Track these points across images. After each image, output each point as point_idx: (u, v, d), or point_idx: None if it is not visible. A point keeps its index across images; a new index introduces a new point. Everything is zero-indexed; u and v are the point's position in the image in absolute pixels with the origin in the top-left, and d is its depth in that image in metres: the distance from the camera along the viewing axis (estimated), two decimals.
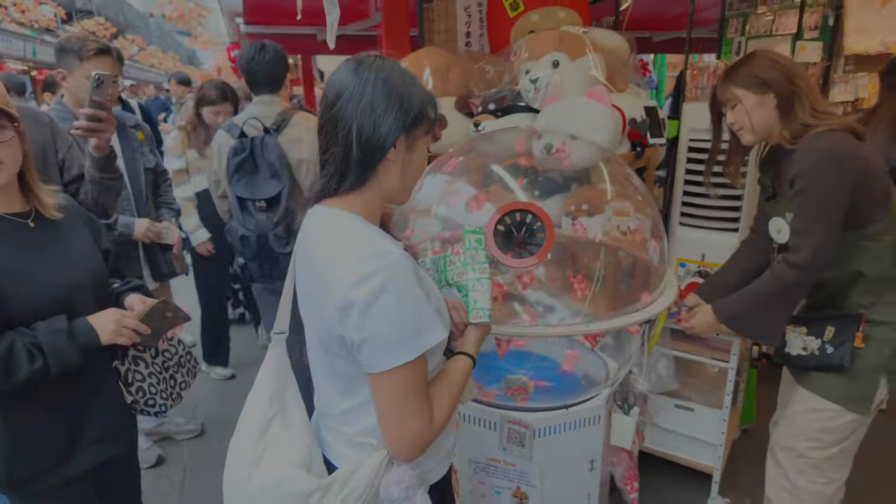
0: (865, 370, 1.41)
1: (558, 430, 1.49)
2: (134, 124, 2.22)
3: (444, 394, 0.95)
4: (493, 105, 1.97)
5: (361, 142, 0.88)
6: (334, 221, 0.92)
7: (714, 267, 2.03)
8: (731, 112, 1.48)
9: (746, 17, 3.25)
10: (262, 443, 1.01)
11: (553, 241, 1.24)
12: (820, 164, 1.32)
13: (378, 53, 0.95)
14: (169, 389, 1.40)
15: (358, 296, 0.83)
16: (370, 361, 0.87)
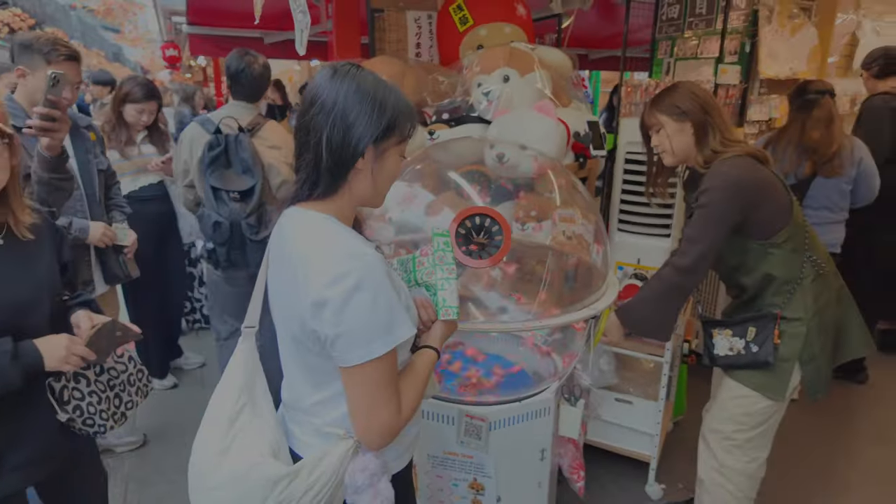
0: (781, 361, 1.57)
1: (512, 422, 1.58)
2: (87, 125, 2.14)
3: (411, 386, 1.01)
4: (447, 114, 2.05)
5: (331, 150, 0.91)
6: (309, 222, 0.96)
7: (650, 270, 2.20)
8: (656, 136, 1.64)
9: (674, 40, 3.51)
10: (231, 432, 1.02)
11: (510, 243, 1.33)
12: (721, 186, 1.49)
13: (355, 62, 0.98)
14: (112, 409, 1.33)
15: (333, 293, 0.87)
16: (343, 356, 0.91)
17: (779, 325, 1.56)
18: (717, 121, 1.57)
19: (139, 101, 2.63)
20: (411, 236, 1.71)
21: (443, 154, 1.98)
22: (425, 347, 1.08)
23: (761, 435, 1.66)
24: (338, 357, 0.93)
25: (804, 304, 1.55)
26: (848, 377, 3.04)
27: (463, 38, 2.62)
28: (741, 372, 1.63)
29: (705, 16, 3.32)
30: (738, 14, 3.16)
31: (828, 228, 2.58)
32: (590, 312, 1.44)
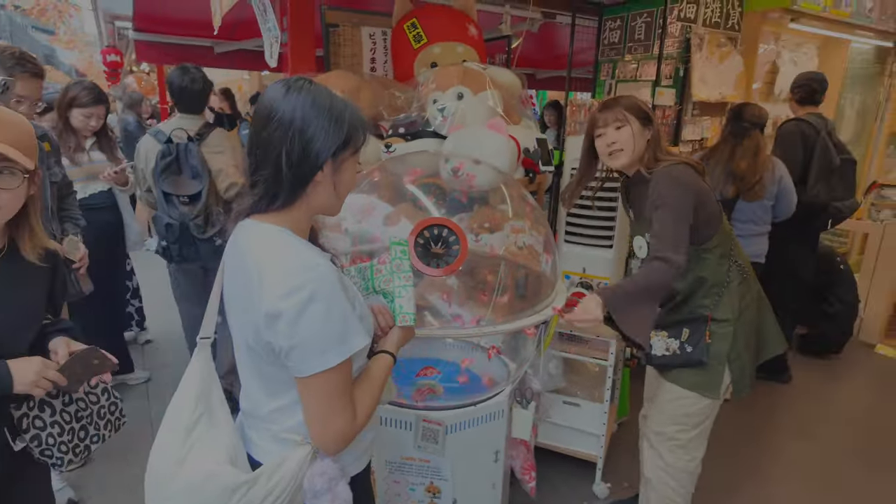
0: (712, 361, 1.68)
1: (467, 425, 1.64)
2: (40, 134, 2.02)
3: (367, 391, 1.04)
4: (404, 129, 2.12)
5: (291, 165, 0.93)
6: (264, 235, 0.98)
7: (594, 279, 2.33)
8: (615, 132, 1.64)
9: (616, 63, 3.74)
10: (188, 442, 1.03)
11: (466, 253, 1.40)
12: (673, 186, 1.57)
13: (306, 77, 1.00)
14: (75, 441, 1.27)
15: (287, 306, 0.89)
16: (298, 366, 0.94)
17: (709, 326, 1.67)
18: (661, 135, 1.69)
19: (86, 105, 2.56)
20: (369, 247, 1.75)
21: (400, 167, 2.04)
22: (382, 353, 1.11)
23: (701, 434, 1.78)
24: (293, 367, 0.95)
25: (731, 305, 1.67)
26: (773, 377, 3.29)
27: (417, 56, 2.70)
28: (677, 374, 1.73)
29: (643, 41, 3.56)
30: (673, 41, 3.40)
31: (753, 240, 2.81)
32: (540, 318, 1.53)
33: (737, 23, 3.56)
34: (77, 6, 8.98)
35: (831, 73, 4.50)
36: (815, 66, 4.45)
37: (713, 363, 1.67)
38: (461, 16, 2.80)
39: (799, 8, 3.38)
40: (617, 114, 1.63)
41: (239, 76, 8.64)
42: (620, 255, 2.38)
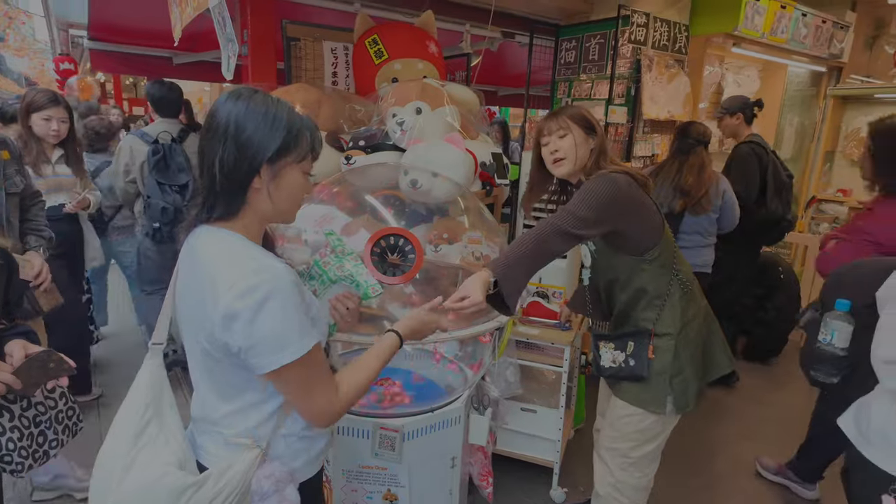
0: (656, 376, 1.64)
1: (424, 431, 1.67)
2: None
3: (360, 368, 1.09)
4: (364, 141, 2.16)
5: (224, 172, 0.94)
6: (218, 239, 0.99)
7: (550, 287, 2.41)
8: (559, 140, 1.62)
9: (571, 82, 3.88)
10: (135, 447, 1.03)
11: (422, 261, 1.44)
12: (603, 182, 1.51)
13: (254, 87, 1.02)
14: (34, 447, 1.25)
15: (243, 306, 0.91)
16: (260, 363, 0.96)
17: (652, 340, 1.65)
18: (607, 146, 1.67)
19: (43, 107, 2.46)
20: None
21: (359, 178, 2.07)
22: (389, 331, 1.16)
23: (654, 451, 1.74)
24: (255, 365, 0.97)
25: (672, 319, 1.65)
26: (720, 381, 3.44)
27: (378, 71, 2.75)
28: (625, 389, 1.72)
29: (597, 62, 3.72)
30: (625, 62, 3.56)
31: (700, 251, 2.96)
32: (494, 325, 1.58)
33: (684, 46, 3.76)
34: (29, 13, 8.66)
35: (772, 95, 4.80)
36: (757, 88, 4.72)
37: (655, 378, 1.65)
38: (422, 33, 2.87)
39: (740, 34, 3.59)
40: (560, 122, 1.63)
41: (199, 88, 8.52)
42: (574, 263, 2.46)
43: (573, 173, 1.67)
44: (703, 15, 3.74)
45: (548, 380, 2.49)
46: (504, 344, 1.79)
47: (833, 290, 1.57)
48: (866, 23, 4.76)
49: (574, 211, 1.45)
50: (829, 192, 4.83)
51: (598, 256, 1.71)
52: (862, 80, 4.77)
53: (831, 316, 1.51)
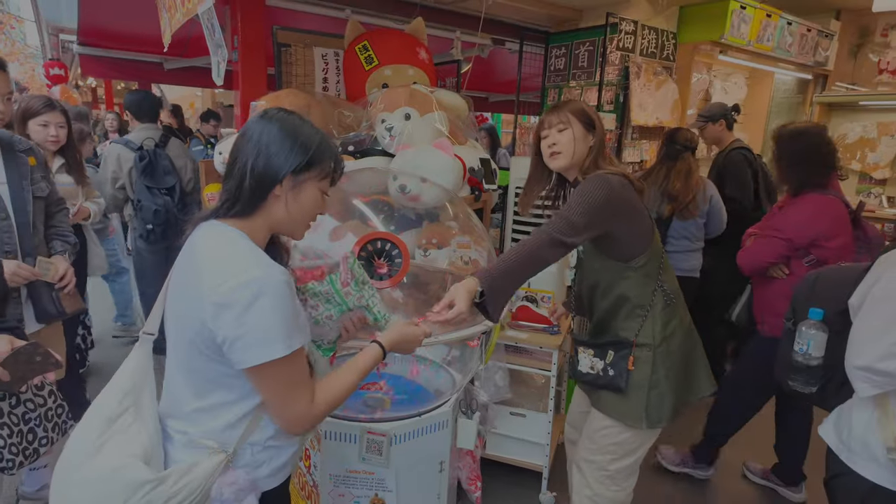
0: (634, 389, 1.61)
1: (412, 436, 1.67)
2: (25, 148, 1.96)
3: (338, 378, 1.10)
4: (353, 147, 2.17)
5: (253, 174, 1.03)
6: (221, 233, 1.05)
7: (539, 292, 2.42)
8: (558, 134, 1.60)
9: (561, 88, 3.92)
10: (107, 433, 1.04)
11: (408, 265, 1.45)
12: (599, 183, 1.50)
13: (284, 109, 1.11)
14: (24, 444, 1.25)
15: (238, 297, 0.95)
16: (243, 356, 0.97)
17: (633, 351, 1.61)
18: (604, 146, 1.65)
19: (39, 112, 2.43)
20: (315, 262, 1.78)
21: (348, 183, 2.08)
22: (373, 342, 1.18)
23: (633, 464, 1.71)
24: (237, 359, 0.98)
25: (653, 330, 1.62)
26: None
27: (369, 77, 2.77)
28: (602, 399, 1.69)
29: (586, 68, 3.76)
30: (613, 69, 3.60)
31: (688, 256, 2.99)
32: (482, 328, 1.59)
33: (671, 53, 3.80)
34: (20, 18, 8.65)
35: (759, 102, 4.86)
36: (745, 95, 4.78)
37: (633, 391, 1.62)
38: (412, 40, 2.90)
39: (726, 41, 3.64)
40: (561, 116, 1.61)
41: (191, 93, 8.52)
42: (562, 268, 2.48)
43: (569, 168, 1.64)
44: (690, 23, 3.79)
45: (537, 384, 2.50)
46: (492, 348, 1.80)
47: (804, 299, 1.58)
48: (850, 31, 4.83)
49: (567, 216, 1.45)
50: None
51: (585, 258, 1.71)
52: (847, 88, 4.84)
53: (806, 325, 1.52)
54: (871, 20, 4.82)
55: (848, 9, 4.60)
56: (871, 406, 1.37)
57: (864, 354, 1.30)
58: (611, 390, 1.66)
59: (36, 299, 1.93)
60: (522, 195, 1.80)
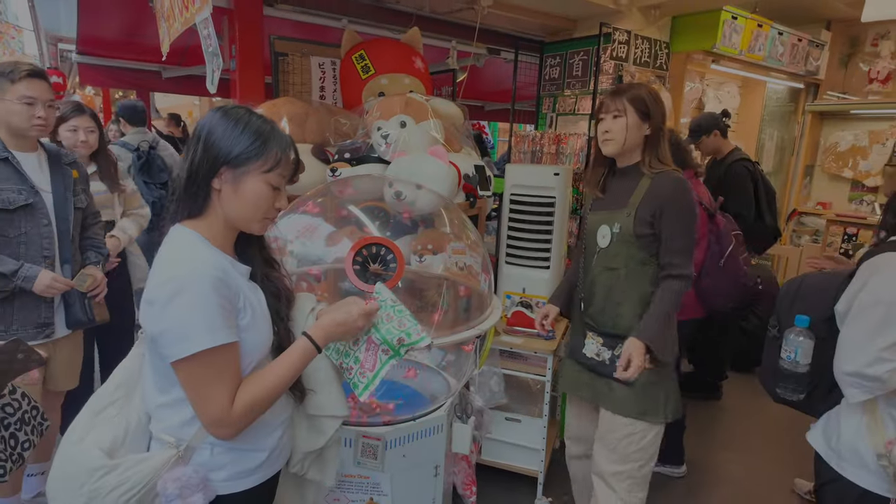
0: (647, 383, 1.66)
1: (407, 440, 1.68)
2: (71, 161, 2.03)
3: (258, 381, 1.04)
4: (349, 154, 2.19)
5: (192, 168, 1.03)
6: (174, 235, 1.06)
7: (534, 298, 2.44)
8: (612, 121, 1.64)
9: (556, 97, 3.96)
10: (90, 423, 1.08)
11: (403, 269, 1.47)
12: (686, 196, 1.62)
13: (244, 105, 1.09)
14: (8, 450, 1.25)
15: (160, 293, 0.97)
16: (166, 351, 0.99)
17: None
18: (665, 135, 1.68)
19: (68, 117, 2.41)
20: (312, 268, 1.80)
21: (344, 190, 2.10)
22: (304, 335, 1.09)
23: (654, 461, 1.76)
24: (163, 353, 1.00)
25: None
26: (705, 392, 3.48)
27: (365, 86, 2.80)
28: (616, 400, 1.70)
29: (581, 77, 3.80)
30: (607, 77, 3.64)
31: None
32: (476, 332, 1.61)
33: (664, 62, 3.85)
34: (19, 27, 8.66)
35: (752, 110, 4.92)
36: (738, 104, 4.83)
37: (648, 385, 1.66)
38: (408, 49, 2.93)
39: (718, 51, 3.69)
40: (617, 103, 1.64)
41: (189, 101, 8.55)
42: (557, 275, 2.50)
43: (620, 155, 1.69)
44: (682, 33, 3.85)
45: (532, 389, 2.51)
46: (486, 353, 1.82)
47: (787, 306, 1.61)
48: (841, 41, 4.91)
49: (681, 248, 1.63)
50: (809, 206, 4.94)
51: (616, 241, 1.71)
52: (838, 97, 4.91)
53: (793, 333, 1.54)
54: (860, 30, 4.89)
55: (838, 19, 4.67)
56: (859, 412, 1.39)
57: (853, 360, 1.32)
58: (616, 381, 1.69)
59: (69, 305, 1.99)
60: (587, 175, 1.89)
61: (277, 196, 1.08)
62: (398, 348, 1.12)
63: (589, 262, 1.81)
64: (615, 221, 1.71)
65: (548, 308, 1.97)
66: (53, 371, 2.05)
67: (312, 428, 1.22)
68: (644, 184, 1.67)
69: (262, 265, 1.17)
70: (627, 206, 1.68)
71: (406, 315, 1.13)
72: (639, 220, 1.66)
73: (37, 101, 1.81)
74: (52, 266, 1.92)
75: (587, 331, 1.80)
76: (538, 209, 2.41)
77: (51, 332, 1.95)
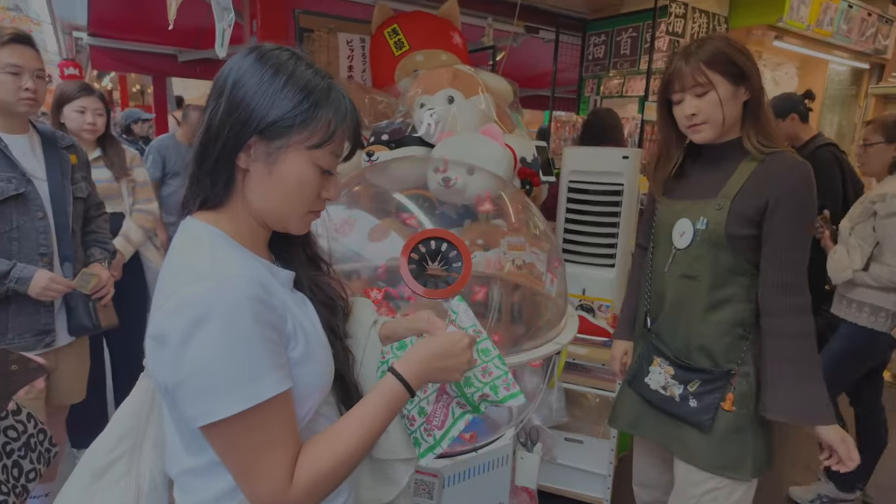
0: (731, 430, 1.28)
1: (467, 475, 1.40)
2: (68, 144, 1.78)
3: (328, 442, 0.73)
4: (387, 136, 1.91)
5: (209, 138, 0.73)
6: (188, 233, 0.75)
7: (596, 300, 2.13)
8: (697, 100, 1.24)
9: (600, 79, 3.64)
10: (91, 489, 0.80)
11: (470, 271, 1.18)
12: (810, 190, 1.22)
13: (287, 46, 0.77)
14: (11, 481, 1.04)
15: (173, 326, 0.65)
16: (191, 411, 0.67)
17: (734, 386, 1.28)
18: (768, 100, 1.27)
19: (75, 97, 2.19)
20: (351, 265, 1.52)
21: (381, 177, 1.82)
22: (391, 373, 0.78)
23: None
24: (185, 414, 0.68)
25: (753, 355, 1.30)
26: None
27: (398, 63, 2.53)
28: (692, 449, 1.33)
29: (629, 56, 3.47)
30: (660, 55, 3.31)
31: None
32: (554, 347, 1.31)
33: None
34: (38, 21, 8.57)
35: None
36: (796, 86, 4.45)
37: (734, 433, 1.28)
38: (445, 23, 2.65)
39: (784, 25, 3.34)
40: (696, 74, 1.21)
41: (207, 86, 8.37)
42: (622, 274, 2.19)
43: (720, 137, 1.29)
44: (744, 6, 3.48)
45: (592, 405, 2.21)
46: (561, 368, 1.53)
47: None
48: None
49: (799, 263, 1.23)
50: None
51: (700, 241, 1.30)
52: None
53: None
54: None
55: None
56: None
57: None
58: (688, 424, 1.32)
59: (72, 309, 1.74)
60: (654, 172, 1.44)
61: (326, 182, 0.78)
62: (478, 405, 0.81)
63: (659, 265, 1.41)
64: (700, 215, 1.29)
65: (620, 347, 1.59)
66: (57, 383, 1.82)
67: (380, 476, 0.91)
68: (746, 168, 1.26)
69: (308, 267, 0.87)
70: (719, 197, 1.27)
71: (494, 358, 0.81)
72: (735, 215, 1.25)
73: (23, 71, 1.56)
74: (51, 265, 1.67)
75: (652, 354, 1.40)
76: (603, 198, 2.10)
77: (52, 341, 1.71)
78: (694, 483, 1.34)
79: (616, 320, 2.05)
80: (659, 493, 1.57)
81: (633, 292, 1.58)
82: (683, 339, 1.34)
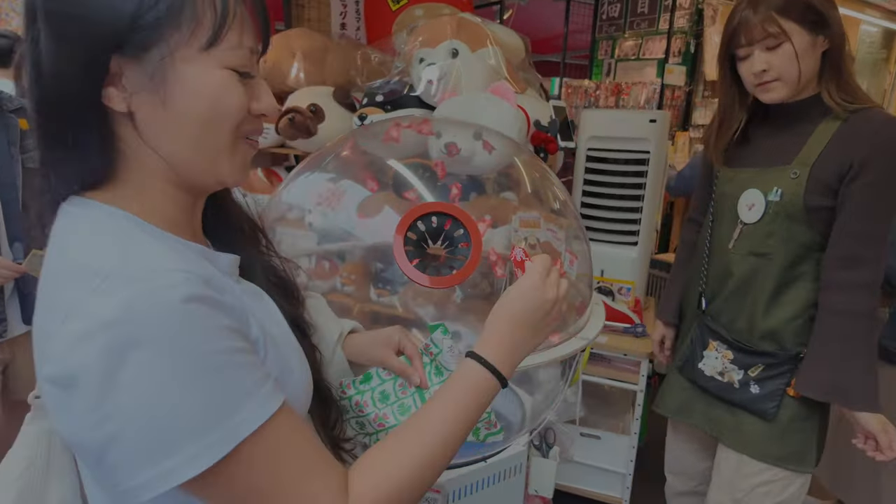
0: (794, 418, 1.20)
1: (475, 488, 1.21)
2: (16, 107, 1.58)
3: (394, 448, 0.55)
4: (382, 97, 1.68)
5: (45, 90, 0.49)
6: (78, 221, 0.51)
7: (615, 282, 1.92)
8: (768, 54, 1.10)
9: (615, 40, 3.37)
10: None
11: (480, 253, 0.96)
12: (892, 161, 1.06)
13: None
14: None
15: (86, 359, 0.43)
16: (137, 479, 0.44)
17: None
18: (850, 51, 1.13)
19: None
20: (338, 246, 1.30)
21: (372, 142, 1.59)
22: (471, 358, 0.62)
23: None
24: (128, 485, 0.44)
25: None
26: None
27: (396, 18, 2.28)
28: (746, 438, 1.24)
29: (647, 15, 3.20)
30: (682, 13, 3.04)
31: None
32: (578, 344, 1.10)
33: None
34: None
35: None
36: None
37: (797, 422, 1.19)
38: None
39: None
40: (767, 24, 1.06)
41: None
42: (646, 253, 1.97)
43: (795, 95, 1.15)
44: None
45: (609, 397, 2.02)
46: (585, 364, 1.33)
47: None
48: None
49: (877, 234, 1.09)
50: None
51: (773, 214, 1.17)
52: None
53: None
54: None
55: None
56: None
57: None
58: (749, 412, 1.22)
59: (25, 296, 1.58)
60: (715, 138, 1.29)
61: (252, 88, 0.54)
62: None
63: (721, 242, 1.29)
64: (773, 185, 1.16)
65: (662, 330, 1.48)
66: (14, 377, 1.66)
67: None
68: (828, 128, 1.12)
69: (253, 244, 0.65)
70: (795, 164, 1.14)
71: None
72: (815, 183, 1.11)
73: None
74: None
75: (709, 338, 1.31)
76: (625, 168, 1.87)
77: (3, 331, 1.56)
78: (746, 475, 1.24)
79: (638, 304, 1.85)
80: (695, 482, 1.47)
81: (679, 272, 1.47)
82: (748, 321, 1.24)
